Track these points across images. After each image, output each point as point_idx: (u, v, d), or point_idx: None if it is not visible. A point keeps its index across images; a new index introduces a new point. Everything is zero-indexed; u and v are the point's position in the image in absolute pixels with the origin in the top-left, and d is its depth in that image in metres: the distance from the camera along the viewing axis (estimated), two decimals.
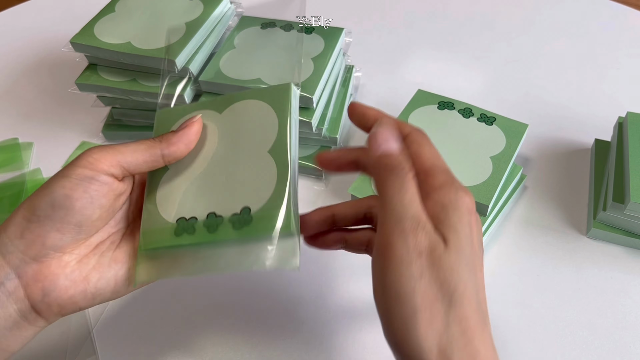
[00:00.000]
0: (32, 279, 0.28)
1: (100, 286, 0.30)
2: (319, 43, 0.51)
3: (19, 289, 0.28)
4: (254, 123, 0.34)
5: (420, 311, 0.23)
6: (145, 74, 0.50)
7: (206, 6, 0.52)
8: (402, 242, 0.24)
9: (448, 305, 0.24)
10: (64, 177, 0.29)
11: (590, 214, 0.47)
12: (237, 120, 0.34)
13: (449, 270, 0.24)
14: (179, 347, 0.39)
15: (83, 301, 0.30)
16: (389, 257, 0.25)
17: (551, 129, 0.56)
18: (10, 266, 0.28)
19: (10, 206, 0.48)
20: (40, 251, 0.28)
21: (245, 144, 0.33)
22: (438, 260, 0.24)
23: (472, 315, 0.24)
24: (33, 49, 0.70)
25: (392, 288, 0.24)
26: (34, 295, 0.28)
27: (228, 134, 0.34)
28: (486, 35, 0.70)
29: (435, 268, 0.24)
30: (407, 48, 0.69)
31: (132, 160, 0.30)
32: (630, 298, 0.41)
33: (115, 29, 0.50)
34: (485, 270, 0.43)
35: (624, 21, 0.72)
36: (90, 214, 0.29)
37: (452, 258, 0.24)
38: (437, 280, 0.24)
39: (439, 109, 0.49)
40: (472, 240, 0.26)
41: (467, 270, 0.25)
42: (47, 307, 0.29)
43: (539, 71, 0.64)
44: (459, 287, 0.24)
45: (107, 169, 0.29)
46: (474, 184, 0.43)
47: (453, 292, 0.24)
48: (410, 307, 0.24)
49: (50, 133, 0.57)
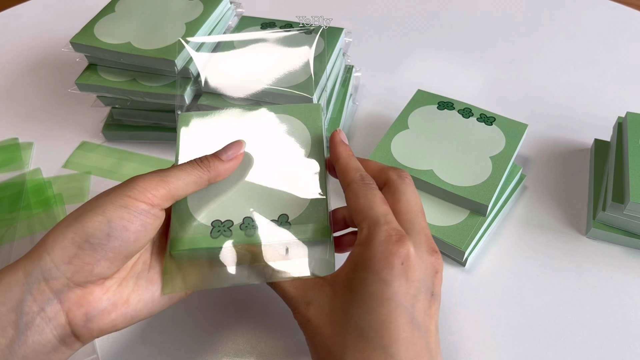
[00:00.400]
0: (75, 304, 0.28)
1: (139, 308, 0.30)
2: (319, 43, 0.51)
3: (59, 314, 0.27)
4: (285, 135, 0.36)
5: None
6: (145, 74, 0.50)
7: (206, 6, 0.52)
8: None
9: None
10: (122, 207, 0.28)
11: (589, 214, 0.47)
12: (267, 131, 0.36)
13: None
14: (178, 347, 0.39)
15: (122, 324, 0.30)
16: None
17: (551, 129, 0.56)
18: (52, 291, 0.27)
19: (10, 206, 0.48)
20: (87, 278, 0.28)
21: (278, 155, 0.35)
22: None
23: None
24: (33, 49, 0.70)
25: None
26: (76, 320, 0.28)
27: (259, 144, 0.35)
28: (486, 35, 0.70)
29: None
30: (407, 48, 0.69)
31: (182, 193, 0.31)
32: (630, 298, 0.41)
33: (115, 29, 0.50)
34: (484, 270, 0.43)
35: (624, 21, 0.72)
36: (141, 246, 0.30)
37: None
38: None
39: (438, 109, 0.49)
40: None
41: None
42: (88, 331, 0.28)
43: (539, 71, 0.64)
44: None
45: (161, 203, 0.30)
46: (473, 184, 0.43)
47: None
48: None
49: (50, 133, 0.57)
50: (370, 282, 0.27)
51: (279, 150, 0.35)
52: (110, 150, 0.55)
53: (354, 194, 0.30)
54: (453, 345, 0.39)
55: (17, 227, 0.46)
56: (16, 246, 0.45)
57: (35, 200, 0.49)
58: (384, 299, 0.26)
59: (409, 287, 0.27)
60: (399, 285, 0.26)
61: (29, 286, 0.26)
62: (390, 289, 0.26)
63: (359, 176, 0.31)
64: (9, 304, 0.26)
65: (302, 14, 0.73)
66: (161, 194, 0.29)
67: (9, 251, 0.44)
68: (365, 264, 0.27)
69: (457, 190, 0.43)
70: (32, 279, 0.27)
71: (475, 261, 0.44)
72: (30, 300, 0.26)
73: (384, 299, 0.26)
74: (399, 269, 0.27)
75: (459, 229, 0.42)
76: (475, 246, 0.43)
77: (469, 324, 0.40)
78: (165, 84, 0.49)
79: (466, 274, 0.43)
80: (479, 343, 0.39)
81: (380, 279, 0.26)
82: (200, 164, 0.32)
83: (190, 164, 0.32)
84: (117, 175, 0.52)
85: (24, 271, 0.27)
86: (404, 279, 0.27)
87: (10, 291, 0.26)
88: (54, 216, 0.47)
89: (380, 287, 0.26)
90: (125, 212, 0.28)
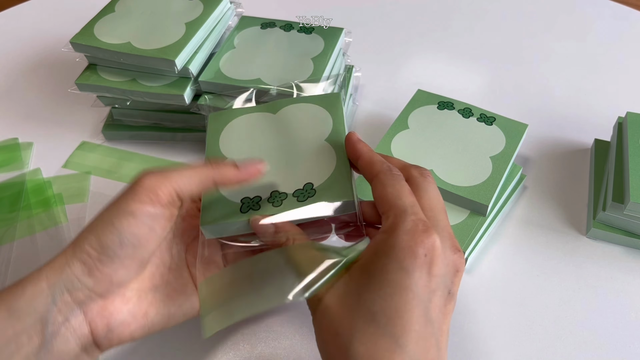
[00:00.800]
0: (98, 315, 0.29)
1: (156, 321, 0.31)
2: (319, 43, 0.51)
3: (83, 324, 0.28)
4: (309, 119, 0.38)
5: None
6: (145, 74, 0.50)
7: (206, 6, 0.52)
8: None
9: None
10: (129, 214, 0.28)
11: (590, 214, 0.47)
12: (292, 118, 0.38)
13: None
14: (178, 347, 0.39)
15: (140, 335, 0.31)
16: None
17: (551, 129, 0.56)
18: (75, 302, 0.28)
19: (10, 206, 0.48)
20: (108, 288, 0.29)
21: (302, 136, 0.37)
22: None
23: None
24: (33, 49, 0.70)
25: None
26: (98, 330, 0.29)
27: (284, 129, 0.38)
28: (486, 36, 0.70)
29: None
30: (407, 48, 0.69)
31: (188, 190, 0.31)
32: (630, 298, 0.41)
33: (115, 29, 0.50)
34: (485, 270, 0.43)
35: (624, 21, 0.72)
36: (153, 248, 0.30)
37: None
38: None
39: (438, 109, 0.49)
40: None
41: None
42: (108, 341, 0.29)
43: (538, 71, 0.64)
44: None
45: (166, 201, 0.30)
46: (473, 184, 0.43)
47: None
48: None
49: (50, 133, 0.57)
50: (390, 270, 0.26)
51: (304, 131, 0.37)
52: (110, 150, 0.55)
53: (382, 184, 0.30)
54: (453, 345, 0.39)
55: (17, 227, 0.46)
56: (16, 246, 0.45)
57: (35, 200, 0.49)
58: (402, 287, 0.26)
59: (429, 280, 0.26)
60: (420, 276, 0.26)
61: (54, 297, 0.27)
62: (410, 279, 0.26)
63: (386, 167, 0.31)
64: (35, 315, 0.27)
65: (302, 14, 0.73)
66: (164, 193, 0.29)
67: (9, 251, 0.44)
68: (388, 251, 0.27)
69: (457, 190, 0.43)
70: (56, 290, 0.27)
71: (475, 261, 0.44)
72: (55, 311, 0.27)
73: (402, 287, 0.26)
74: (422, 260, 0.26)
75: (459, 229, 0.42)
76: (475, 246, 0.43)
77: (469, 324, 0.40)
78: (165, 84, 0.49)
79: (466, 274, 0.43)
80: (479, 343, 0.39)
81: (402, 267, 0.26)
82: (210, 164, 0.32)
83: (201, 163, 0.32)
84: (117, 175, 0.52)
85: (47, 282, 0.27)
86: (425, 270, 0.26)
87: (36, 302, 0.27)
88: (53, 216, 0.47)
89: (400, 275, 0.26)
90: (132, 218, 0.28)
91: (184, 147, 0.55)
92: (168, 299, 0.32)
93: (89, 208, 0.49)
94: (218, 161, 0.33)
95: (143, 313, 0.30)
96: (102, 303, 0.29)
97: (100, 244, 0.28)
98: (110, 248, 0.28)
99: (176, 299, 0.32)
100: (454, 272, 0.28)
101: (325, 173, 0.34)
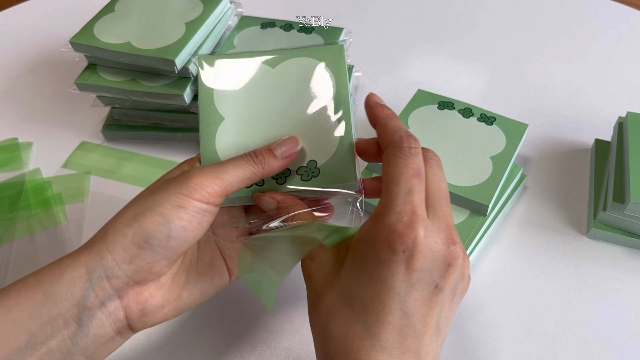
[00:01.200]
0: (134, 300, 0.29)
1: (189, 301, 0.32)
2: (319, 43, 0.51)
3: (118, 309, 0.29)
4: (310, 80, 0.35)
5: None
6: (145, 74, 0.50)
7: (206, 6, 0.52)
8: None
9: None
10: (180, 207, 0.28)
11: (590, 214, 0.47)
12: (292, 77, 0.36)
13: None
14: (178, 347, 0.39)
15: (172, 316, 0.31)
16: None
17: (551, 129, 0.56)
18: (113, 288, 0.28)
19: (10, 206, 0.48)
20: (147, 277, 0.29)
21: (304, 100, 0.35)
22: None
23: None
24: (33, 49, 0.70)
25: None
26: (133, 315, 0.29)
27: (284, 89, 0.35)
28: (486, 35, 0.70)
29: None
30: (407, 48, 0.69)
31: (236, 189, 0.31)
32: (630, 298, 0.41)
33: (114, 29, 0.50)
34: (484, 270, 0.43)
35: (624, 21, 0.72)
36: (196, 241, 0.30)
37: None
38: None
39: (439, 109, 0.49)
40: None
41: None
42: (142, 324, 0.30)
43: (539, 71, 0.64)
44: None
45: (215, 200, 0.30)
46: (474, 184, 0.43)
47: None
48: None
49: (50, 133, 0.57)
50: (368, 259, 0.26)
51: (304, 96, 0.35)
52: (109, 150, 0.55)
53: (387, 160, 0.28)
54: (453, 345, 0.39)
55: (16, 227, 0.46)
56: (16, 246, 0.45)
57: (35, 200, 0.49)
58: (378, 279, 0.26)
59: (408, 274, 0.25)
60: (397, 270, 0.25)
61: (92, 283, 0.27)
62: (386, 272, 0.25)
63: (397, 137, 0.28)
64: (72, 300, 0.27)
65: (302, 14, 0.72)
66: (215, 191, 0.29)
67: (9, 251, 0.44)
68: (369, 241, 0.27)
69: (457, 190, 0.43)
70: (95, 276, 0.28)
71: (475, 261, 0.44)
72: (92, 296, 0.27)
73: (378, 279, 0.26)
74: (400, 255, 0.25)
75: (459, 229, 0.42)
76: (475, 246, 0.43)
77: (469, 324, 0.40)
78: (165, 84, 0.49)
79: None
80: (479, 343, 0.39)
81: (379, 259, 0.26)
82: (255, 159, 0.31)
83: (245, 159, 0.31)
84: (117, 175, 0.52)
85: (86, 267, 0.28)
86: (402, 265, 0.25)
87: (74, 287, 0.27)
88: (53, 216, 0.47)
89: (377, 267, 0.26)
90: (184, 212, 0.28)
91: (184, 147, 0.55)
92: (200, 276, 0.32)
93: (88, 208, 0.49)
94: (258, 154, 0.32)
95: (176, 296, 0.31)
96: (139, 289, 0.29)
97: (146, 234, 0.28)
98: (156, 239, 0.28)
99: (207, 274, 0.33)
100: (444, 266, 0.26)
101: (329, 149, 0.33)
